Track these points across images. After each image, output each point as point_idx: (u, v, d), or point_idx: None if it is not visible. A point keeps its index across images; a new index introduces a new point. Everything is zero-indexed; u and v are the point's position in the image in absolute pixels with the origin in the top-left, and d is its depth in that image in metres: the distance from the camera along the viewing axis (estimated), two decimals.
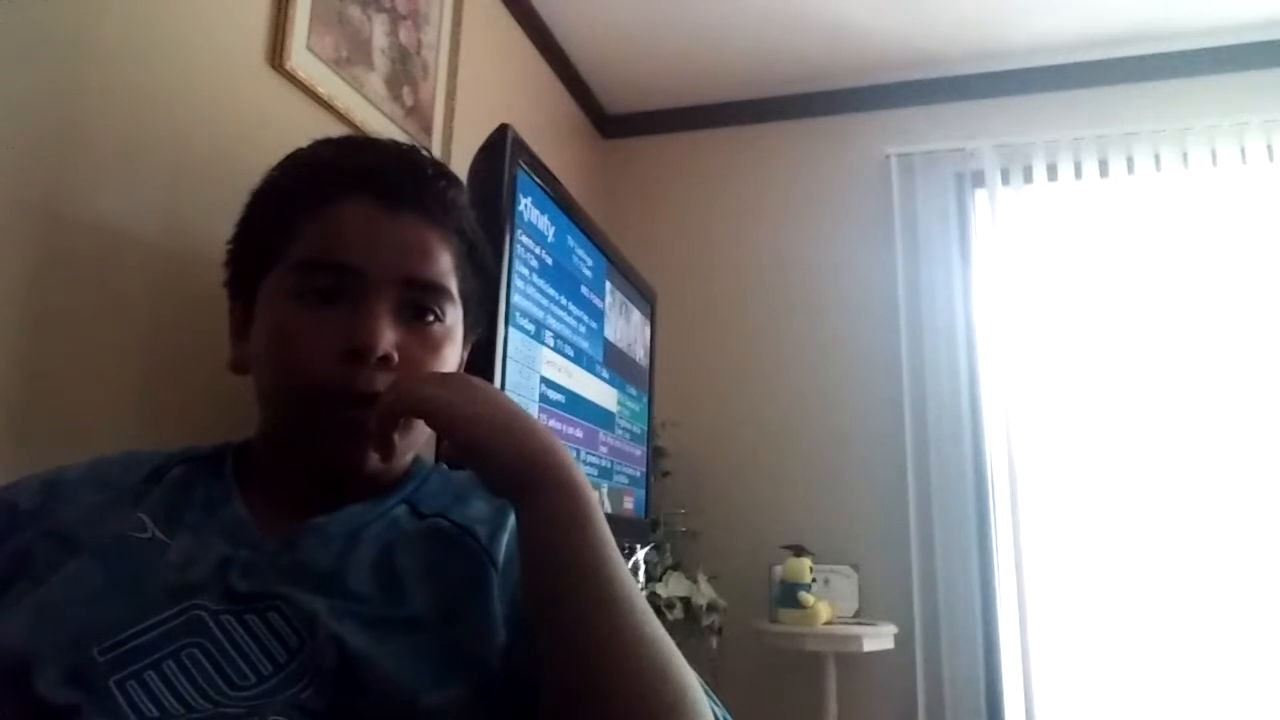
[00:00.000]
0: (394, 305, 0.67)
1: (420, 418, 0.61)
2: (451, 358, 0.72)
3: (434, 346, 0.69)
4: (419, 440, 0.70)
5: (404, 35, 1.60)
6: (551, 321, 1.36)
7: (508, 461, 0.58)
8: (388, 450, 0.63)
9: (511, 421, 0.59)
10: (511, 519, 0.67)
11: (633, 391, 1.81)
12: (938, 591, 2.20)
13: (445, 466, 0.76)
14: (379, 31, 1.52)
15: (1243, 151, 2.23)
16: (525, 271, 1.25)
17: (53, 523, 0.63)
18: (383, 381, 0.64)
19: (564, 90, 2.49)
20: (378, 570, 0.62)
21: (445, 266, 0.70)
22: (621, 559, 0.58)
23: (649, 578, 1.98)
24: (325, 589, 0.60)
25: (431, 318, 0.69)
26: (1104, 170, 2.32)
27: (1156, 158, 2.29)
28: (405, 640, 0.58)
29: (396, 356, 0.66)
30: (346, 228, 0.67)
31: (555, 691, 0.55)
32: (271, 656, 0.57)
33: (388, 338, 0.65)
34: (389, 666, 0.56)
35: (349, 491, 0.67)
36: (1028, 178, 2.38)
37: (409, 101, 1.60)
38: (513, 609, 0.61)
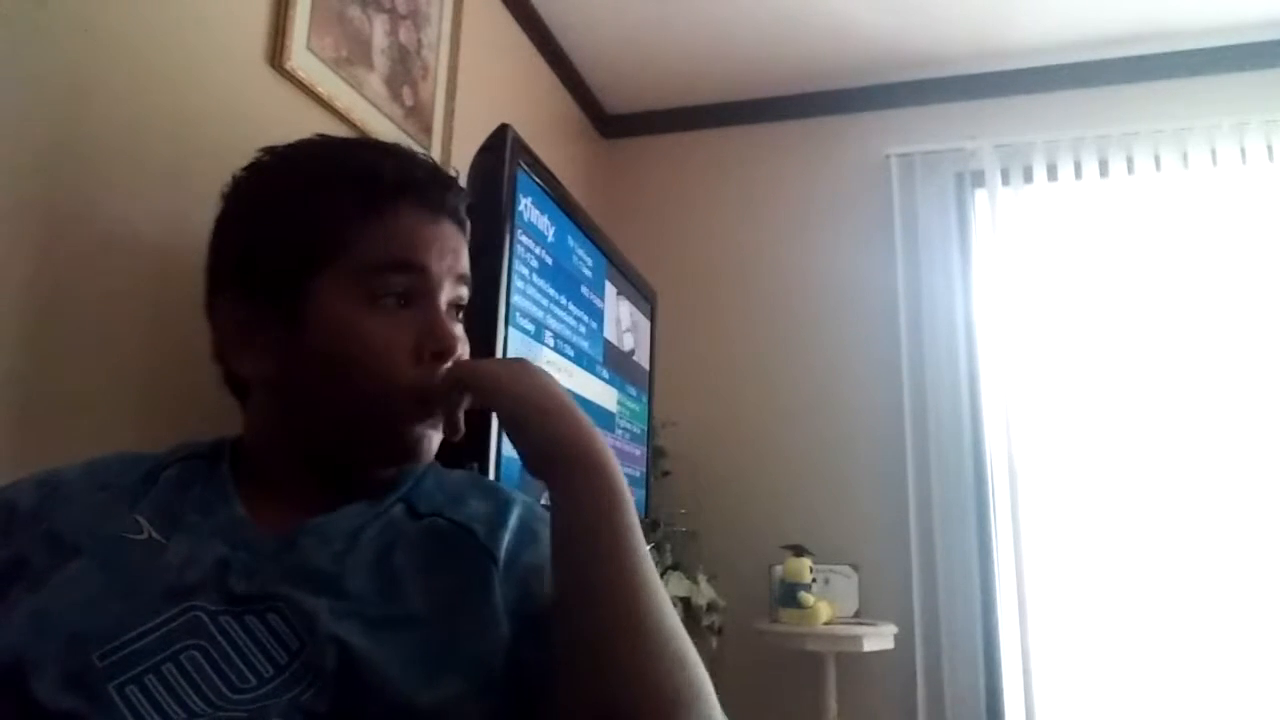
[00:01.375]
0: (445, 304, 0.71)
1: (475, 390, 0.66)
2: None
3: (466, 338, 0.73)
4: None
5: (404, 35, 1.60)
6: (551, 321, 1.36)
7: (541, 438, 0.62)
8: (456, 427, 0.69)
9: (550, 404, 0.63)
10: (513, 516, 0.67)
11: (633, 391, 1.81)
12: (938, 591, 2.20)
13: (440, 466, 0.76)
14: (379, 31, 1.52)
15: (1243, 151, 2.23)
16: (525, 271, 1.25)
17: (50, 525, 0.63)
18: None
19: (564, 90, 2.48)
20: (377, 570, 0.62)
21: (468, 266, 0.75)
22: (646, 547, 0.60)
23: None
24: (325, 589, 0.60)
25: (460, 313, 0.74)
26: (1104, 170, 2.32)
27: (1156, 158, 2.29)
28: (406, 640, 0.58)
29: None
30: (410, 232, 0.69)
31: (576, 674, 0.56)
32: (272, 658, 0.57)
33: (460, 336, 0.70)
34: (390, 667, 0.56)
35: (349, 491, 0.68)
36: (1028, 178, 2.37)
37: (409, 101, 1.60)
38: (519, 603, 0.62)
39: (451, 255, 0.71)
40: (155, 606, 0.58)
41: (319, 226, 0.68)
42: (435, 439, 0.70)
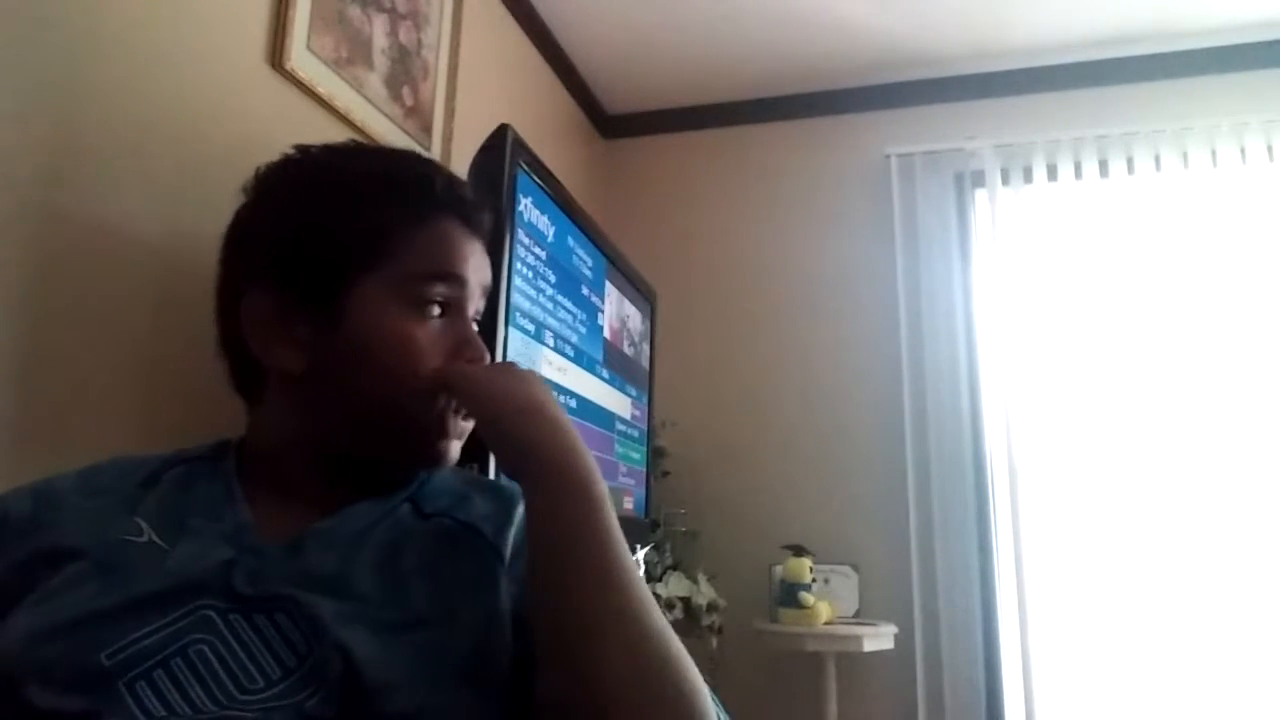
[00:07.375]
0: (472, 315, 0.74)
1: (454, 393, 0.68)
2: None
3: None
4: (465, 431, 0.74)
5: (404, 35, 1.60)
6: (551, 321, 1.36)
7: (511, 442, 0.64)
8: (444, 430, 0.70)
9: (528, 408, 0.64)
10: (518, 512, 0.68)
11: (633, 392, 1.81)
12: (938, 591, 2.20)
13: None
14: (379, 31, 1.52)
15: (1243, 151, 2.23)
16: (525, 271, 1.25)
17: (45, 533, 0.62)
18: None
19: (564, 90, 2.48)
20: (383, 572, 0.62)
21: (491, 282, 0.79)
22: (625, 550, 0.60)
23: (649, 578, 1.98)
24: (331, 592, 0.60)
25: (477, 324, 0.76)
26: (1104, 170, 2.32)
27: (1156, 158, 2.29)
28: (412, 643, 0.58)
29: None
30: (453, 243, 0.72)
31: (554, 683, 0.56)
32: (280, 660, 0.57)
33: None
34: (396, 671, 0.56)
35: (358, 491, 0.68)
36: (1028, 178, 2.38)
37: (409, 101, 1.60)
38: (519, 600, 0.62)
39: (483, 269, 0.75)
40: (161, 607, 0.58)
41: (369, 229, 0.69)
42: (456, 445, 0.72)
